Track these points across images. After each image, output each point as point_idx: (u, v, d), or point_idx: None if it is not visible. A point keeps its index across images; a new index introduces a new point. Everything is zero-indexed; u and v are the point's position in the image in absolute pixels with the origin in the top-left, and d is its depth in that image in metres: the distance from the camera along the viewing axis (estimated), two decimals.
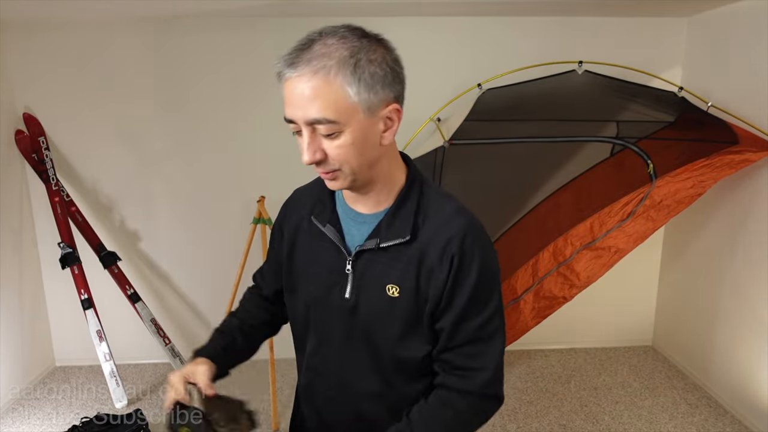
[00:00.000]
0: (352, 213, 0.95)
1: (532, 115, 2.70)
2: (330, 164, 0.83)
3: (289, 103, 0.81)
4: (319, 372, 1.02)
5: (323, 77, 0.77)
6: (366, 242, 0.91)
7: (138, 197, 3.09)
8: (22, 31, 2.83)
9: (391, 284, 0.90)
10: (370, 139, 0.83)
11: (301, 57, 0.78)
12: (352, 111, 0.79)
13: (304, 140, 0.81)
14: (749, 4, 2.48)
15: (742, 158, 2.34)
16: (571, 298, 2.55)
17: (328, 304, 0.96)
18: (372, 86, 0.79)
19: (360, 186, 0.89)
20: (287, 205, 1.07)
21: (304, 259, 1.00)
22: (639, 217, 2.46)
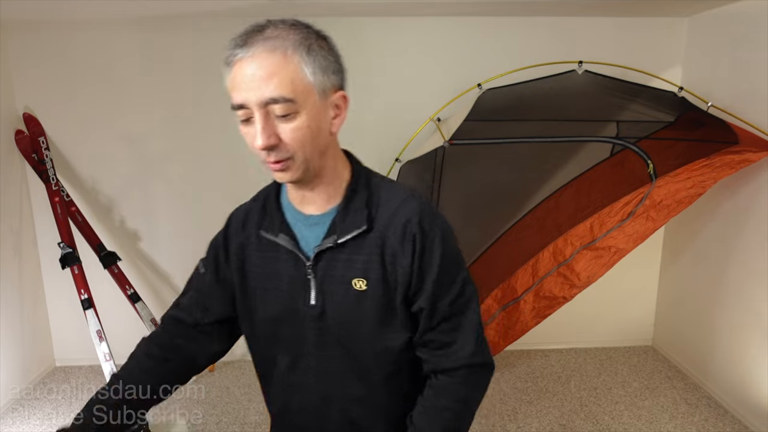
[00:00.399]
0: (301, 217, 0.92)
1: (532, 115, 2.70)
2: (283, 151, 0.80)
3: (239, 87, 0.77)
4: (298, 388, 0.97)
5: (281, 55, 0.76)
6: (323, 242, 0.89)
7: (138, 197, 3.09)
8: (22, 31, 2.84)
9: (357, 278, 0.88)
10: (323, 124, 0.83)
11: (255, 37, 0.77)
12: (308, 92, 0.79)
13: (258, 124, 0.77)
14: (749, 4, 2.48)
15: (742, 158, 2.34)
16: (571, 298, 2.55)
17: (295, 316, 0.92)
18: (325, 69, 0.81)
19: (309, 180, 0.87)
20: (228, 227, 1.02)
21: (258, 276, 0.95)
22: (639, 217, 2.46)
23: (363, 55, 2.92)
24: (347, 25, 2.89)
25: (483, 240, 2.80)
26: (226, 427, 2.61)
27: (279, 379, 0.99)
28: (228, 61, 0.79)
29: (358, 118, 3.01)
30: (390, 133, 2.89)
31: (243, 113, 0.79)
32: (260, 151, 0.80)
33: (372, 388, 0.94)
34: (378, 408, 0.96)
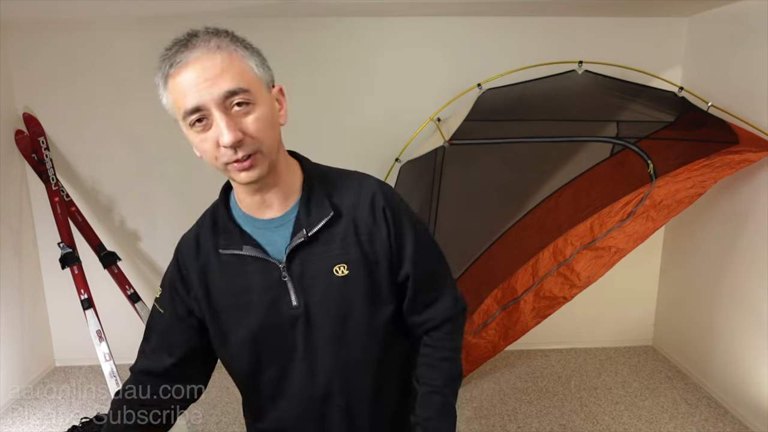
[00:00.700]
0: (261, 223, 0.91)
1: (532, 115, 2.70)
2: (250, 145, 0.80)
3: (191, 90, 0.76)
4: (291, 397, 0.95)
5: (225, 52, 0.78)
6: (293, 239, 0.88)
7: (138, 197, 3.09)
8: (22, 31, 2.84)
9: (337, 264, 0.89)
10: (274, 116, 0.85)
11: (194, 42, 0.77)
12: (257, 83, 0.81)
13: (221, 123, 0.77)
14: (749, 4, 2.48)
15: (742, 158, 2.34)
16: (571, 298, 2.55)
17: (277, 323, 0.91)
18: (262, 64, 0.84)
19: (269, 177, 0.86)
20: (180, 255, 0.99)
21: (226, 296, 0.92)
22: (639, 217, 2.46)
23: (363, 56, 2.92)
24: (347, 25, 2.89)
25: (483, 240, 2.80)
26: (226, 427, 2.61)
27: (268, 394, 0.96)
28: (170, 69, 0.77)
29: (358, 118, 3.02)
30: (390, 133, 2.89)
31: (198, 115, 0.78)
32: (225, 151, 0.79)
33: (364, 377, 0.95)
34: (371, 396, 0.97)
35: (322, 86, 2.98)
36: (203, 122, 0.79)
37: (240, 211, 0.93)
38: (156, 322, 1.02)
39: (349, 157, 2.98)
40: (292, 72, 2.95)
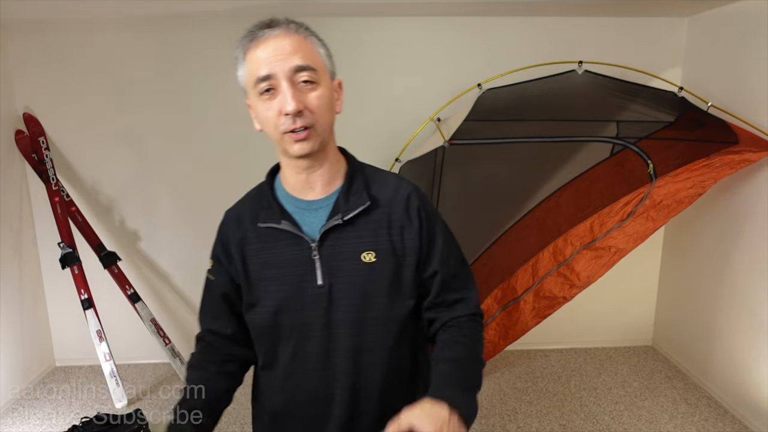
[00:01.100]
0: (303, 203, 0.98)
1: (532, 115, 2.70)
2: (308, 117, 0.88)
3: (266, 60, 0.87)
4: (303, 376, 0.99)
5: (302, 36, 0.90)
6: (329, 221, 0.95)
7: (138, 197, 3.09)
8: (22, 31, 2.84)
9: (366, 251, 0.95)
10: (332, 101, 0.95)
11: (276, 23, 0.89)
12: (323, 68, 0.92)
13: (287, 92, 0.86)
14: (749, 4, 2.48)
15: (742, 158, 2.34)
16: (571, 298, 2.55)
17: (301, 299, 0.96)
18: (329, 56, 0.94)
19: (319, 155, 0.94)
20: (222, 231, 1.06)
21: (260, 267, 0.98)
22: (639, 217, 2.46)
23: (363, 55, 2.92)
24: (347, 25, 2.89)
25: (483, 240, 2.80)
26: (226, 427, 2.61)
27: (282, 368, 1.01)
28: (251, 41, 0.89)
29: (358, 117, 3.01)
30: (390, 133, 2.89)
31: (269, 84, 0.88)
32: (285, 120, 0.88)
33: (377, 364, 0.98)
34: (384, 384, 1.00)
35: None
36: (270, 92, 0.88)
37: (284, 191, 1.01)
38: (210, 292, 1.08)
39: None
40: None
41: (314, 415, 1.01)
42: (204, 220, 3.13)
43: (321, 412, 1.00)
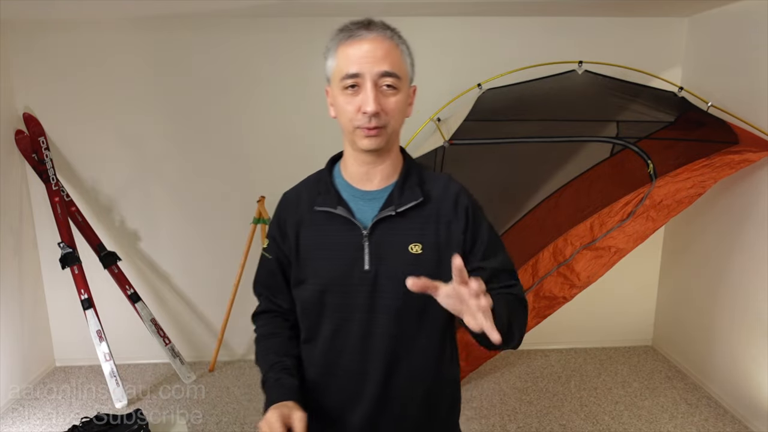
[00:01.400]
0: (359, 193, 1.05)
1: (532, 115, 2.69)
2: (382, 119, 0.96)
3: (357, 60, 0.94)
4: (341, 352, 1.05)
5: (394, 43, 0.98)
6: (382, 212, 1.02)
7: (138, 197, 3.09)
8: (22, 31, 2.83)
9: (414, 243, 1.01)
10: (406, 106, 1.02)
11: (374, 25, 0.98)
12: (405, 77, 0.99)
13: (369, 93, 0.93)
14: (749, 4, 2.48)
15: (742, 158, 2.34)
16: (571, 298, 2.55)
17: (347, 282, 1.02)
18: (412, 65, 1.03)
19: (383, 152, 1.01)
20: (279, 212, 1.12)
21: (312, 247, 1.05)
22: (639, 217, 2.46)
23: None
24: None
25: None
26: (226, 427, 2.61)
27: (323, 343, 1.07)
28: (347, 38, 0.96)
29: None
30: None
31: (354, 81, 0.94)
32: (362, 117, 0.95)
33: (411, 349, 1.04)
34: (415, 369, 1.05)
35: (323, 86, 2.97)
36: (354, 88, 0.95)
37: (342, 179, 1.07)
38: (266, 268, 1.14)
39: None
40: (292, 71, 2.95)
41: (348, 391, 1.06)
42: (204, 220, 3.14)
43: (354, 389, 1.06)
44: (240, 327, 3.19)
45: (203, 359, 3.28)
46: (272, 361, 1.07)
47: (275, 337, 1.13)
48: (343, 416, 1.07)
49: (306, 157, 3.19)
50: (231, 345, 3.27)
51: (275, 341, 1.12)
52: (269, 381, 1.04)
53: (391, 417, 1.06)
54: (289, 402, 0.97)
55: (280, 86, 2.98)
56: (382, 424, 1.06)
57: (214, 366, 3.19)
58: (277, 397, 0.99)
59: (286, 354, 1.10)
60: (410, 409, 1.07)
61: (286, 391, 1.01)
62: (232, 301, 3.03)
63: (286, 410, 0.93)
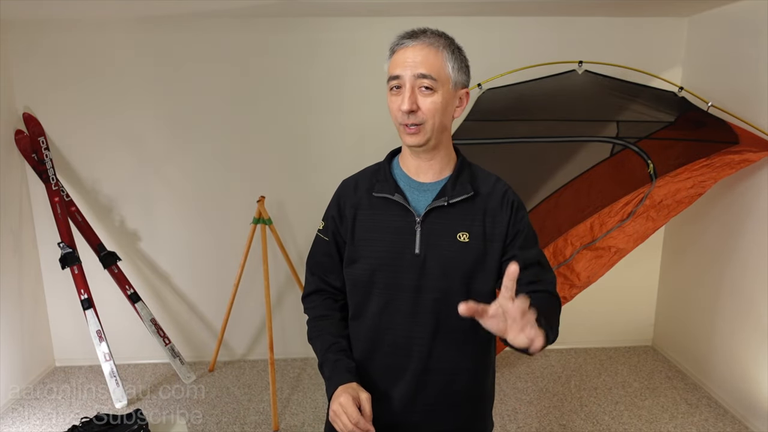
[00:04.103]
0: (415, 183, 1.14)
1: (532, 115, 2.69)
2: (419, 116, 1.05)
3: (400, 65, 1.05)
4: (387, 329, 1.13)
5: (434, 50, 1.05)
6: (435, 201, 1.10)
7: (138, 197, 3.09)
8: (22, 31, 2.83)
9: (462, 232, 1.10)
10: (449, 107, 1.08)
11: (419, 35, 1.06)
12: (446, 79, 1.06)
13: (406, 93, 1.04)
14: (749, 4, 2.48)
15: (742, 158, 2.34)
16: (572, 299, 2.55)
17: (397, 263, 1.10)
18: (459, 69, 1.08)
19: (430, 148, 1.09)
20: (339, 195, 1.21)
21: (367, 229, 1.13)
22: (639, 217, 2.46)
23: (363, 55, 2.92)
24: (347, 25, 2.89)
25: None
26: (226, 427, 2.61)
27: (371, 320, 1.15)
28: (396, 46, 1.08)
29: (358, 117, 3.02)
30: (390, 133, 2.87)
31: (396, 83, 1.06)
32: (402, 114, 1.05)
33: (453, 331, 1.11)
34: (456, 350, 1.14)
35: (323, 86, 2.98)
36: (398, 89, 1.06)
37: (400, 170, 1.17)
38: (321, 249, 1.22)
39: (350, 156, 2.98)
40: (292, 71, 2.95)
41: (392, 365, 1.14)
42: (204, 220, 3.14)
43: (398, 363, 1.14)
44: (240, 327, 3.19)
45: (203, 359, 3.28)
46: (329, 342, 1.16)
47: (328, 319, 1.21)
48: (387, 390, 1.15)
49: (306, 157, 3.21)
50: (231, 345, 3.27)
51: (328, 322, 1.20)
52: (328, 361, 1.12)
53: (431, 393, 1.14)
54: (353, 383, 1.06)
55: (281, 86, 2.98)
56: (421, 400, 1.14)
57: (214, 366, 3.19)
58: (342, 380, 1.07)
59: (341, 335, 1.18)
60: (448, 386, 1.15)
61: (348, 373, 1.09)
62: (232, 301, 3.03)
63: (353, 392, 1.03)
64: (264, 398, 2.83)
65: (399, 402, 1.15)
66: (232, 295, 3.03)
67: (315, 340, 1.19)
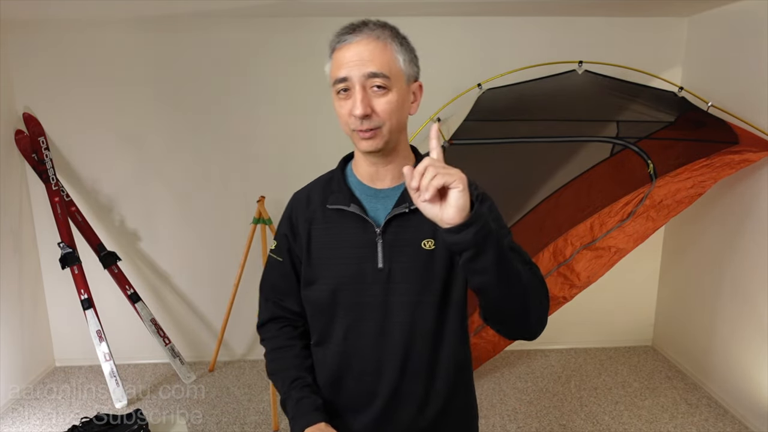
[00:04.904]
0: (372, 191, 1.04)
1: (532, 115, 2.70)
2: (375, 120, 0.94)
3: (345, 64, 0.93)
4: (355, 353, 1.04)
5: (382, 43, 0.95)
6: (395, 209, 1.01)
7: (138, 197, 3.09)
8: (22, 31, 2.83)
9: (427, 239, 1.01)
10: (405, 105, 0.99)
11: (362, 28, 0.96)
12: (399, 75, 0.96)
13: (357, 96, 0.92)
14: (749, 4, 2.48)
15: (742, 158, 2.34)
16: (571, 298, 2.55)
17: (360, 280, 1.01)
18: (410, 61, 0.99)
19: (386, 152, 1.00)
20: (291, 210, 1.11)
21: (324, 246, 1.04)
22: (639, 217, 2.46)
23: None
24: None
25: None
26: (226, 427, 2.61)
27: (336, 345, 1.05)
28: (337, 44, 0.96)
29: None
30: None
31: (343, 85, 0.94)
32: (354, 120, 0.94)
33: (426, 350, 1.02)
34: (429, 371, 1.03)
35: (323, 85, 2.97)
36: (346, 92, 0.94)
37: (355, 177, 1.07)
38: (275, 271, 1.13)
39: None
40: (291, 71, 2.95)
41: (361, 391, 1.05)
42: (204, 220, 3.14)
43: (368, 389, 1.04)
44: (240, 327, 3.19)
45: (203, 359, 3.28)
46: (292, 377, 1.06)
47: (289, 350, 1.11)
48: (356, 418, 1.06)
49: (306, 157, 3.21)
50: (231, 345, 3.27)
51: (290, 354, 1.10)
52: (291, 399, 1.03)
53: (405, 419, 1.04)
54: (321, 424, 0.97)
55: (281, 86, 2.98)
56: (393, 427, 1.05)
57: (214, 366, 3.19)
58: (309, 420, 0.98)
59: (304, 367, 1.08)
60: (422, 411, 1.04)
61: (316, 412, 1.00)
62: (232, 301, 3.03)
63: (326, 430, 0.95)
64: (264, 398, 2.83)
65: (367, 428, 1.06)
66: (232, 295, 3.03)
67: (276, 375, 1.09)
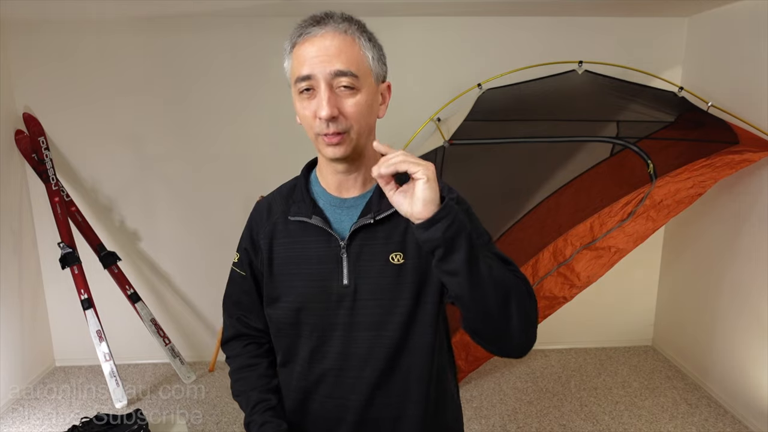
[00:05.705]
0: (337, 201, 0.96)
1: (532, 115, 2.69)
2: (342, 123, 0.85)
3: (309, 60, 0.84)
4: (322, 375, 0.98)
5: (350, 38, 0.85)
6: (360, 219, 0.93)
7: (138, 197, 3.09)
8: (22, 31, 2.83)
9: (395, 252, 0.92)
10: (374, 106, 0.91)
11: (327, 20, 0.85)
12: (367, 73, 0.87)
13: (323, 96, 0.83)
14: (749, 4, 2.48)
15: (742, 158, 2.34)
16: (571, 298, 2.55)
17: (324, 298, 0.94)
18: (379, 59, 0.90)
19: (353, 159, 0.91)
20: (251, 222, 1.04)
21: (286, 262, 0.97)
22: (639, 217, 2.46)
23: None
24: None
25: None
26: (226, 427, 2.61)
27: (300, 366, 0.99)
28: (298, 37, 0.86)
29: None
30: (390, 133, 2.88)
31: (307, 84, 0.85)
32: (319, 123, 0.85)
33: (397, 371, 0.95)
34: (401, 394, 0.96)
35: None
36: (310, 92, 0.85)
37: (319, 186, 0.99)
38: (238, 286, 1.06)
39: None
40: None
41: (328, 416, 0.99)
42: (204, 220, 3.14)
43: (335, 415, 0.98)
44: None
45: (203, 359, 3.28)
46: (255, 399, 0.99)
47: (253, 369, 1.04)
48: None
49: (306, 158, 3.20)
50: None
51: (254, 374, 1.04)
52: (255, 424, 0.97)
53: None
54: None
55: (281, 86, 2.98)
56: None
57: (214, 366, 3.19)
58: None
59: (268, 388, 1.02)
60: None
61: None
62: None
63: None
64: None
65: None
66: None
67: (240, 397, 1.02)
